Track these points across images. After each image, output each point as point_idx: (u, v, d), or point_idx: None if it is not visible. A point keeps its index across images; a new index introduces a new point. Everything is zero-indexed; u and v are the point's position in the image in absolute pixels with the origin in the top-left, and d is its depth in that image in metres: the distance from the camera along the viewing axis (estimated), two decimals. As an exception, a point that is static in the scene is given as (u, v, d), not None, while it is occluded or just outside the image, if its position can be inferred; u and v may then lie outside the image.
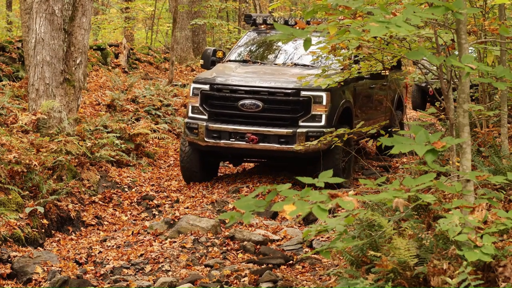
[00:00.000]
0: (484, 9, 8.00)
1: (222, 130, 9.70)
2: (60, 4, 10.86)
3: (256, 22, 11.47)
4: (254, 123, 9.65)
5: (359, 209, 4.02)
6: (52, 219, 8.86)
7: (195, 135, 9.84)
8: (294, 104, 9.57)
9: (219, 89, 9.82)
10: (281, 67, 10.48)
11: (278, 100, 9.60)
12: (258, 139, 9.53)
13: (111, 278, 6.95)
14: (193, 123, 9.87)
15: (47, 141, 9.92)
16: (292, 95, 9.57)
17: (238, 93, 9.71)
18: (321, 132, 9.38)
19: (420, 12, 3.74)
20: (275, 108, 9.61)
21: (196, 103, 9.95)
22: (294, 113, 9.57)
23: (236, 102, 9.69)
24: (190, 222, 8.23)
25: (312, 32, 4.04)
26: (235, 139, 9.64)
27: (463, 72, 4.28)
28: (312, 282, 6.36)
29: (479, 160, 6.84)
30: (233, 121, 9.73)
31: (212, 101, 9.84)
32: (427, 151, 3.52)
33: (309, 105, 9.55)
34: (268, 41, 11.46)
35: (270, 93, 9.61)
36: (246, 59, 10.89)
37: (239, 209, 3.39)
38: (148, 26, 26.20)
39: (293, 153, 9.50)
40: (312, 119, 9.56)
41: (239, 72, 10.24)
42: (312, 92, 9.53)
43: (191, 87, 10.06)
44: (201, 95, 9.89)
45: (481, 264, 4.06)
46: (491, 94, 8.84)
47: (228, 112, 9.77)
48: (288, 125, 9.57)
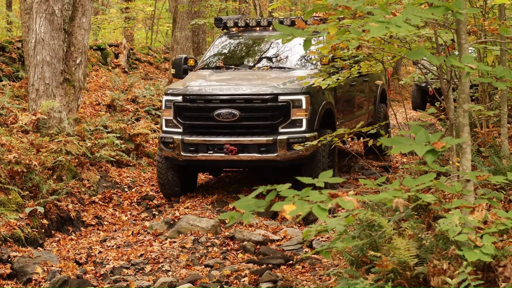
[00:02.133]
0: (484, 9, 8.00)
1: (199, 142, 9.21)
2: (60, 4, 10.86)
3: (227, 25, 11.02)
4: (232, 133, 9.17)
5: (359, 209, 4.02)
6: (52, 219, 8.86)
7: (171, 149, 9.35)
8: (272, 110, 9.11)
9: (193, 100, 9.33)
10: (256, 72, 10.00)
11: (256, 107, 9.13)
12: (238, 149, 9.06)
13: (111, 278, 6.95)
14: (168, 137, 9.38)
15: (47, 141, 9.92)
16: (269, 101, 9.09)
17: (212, 102, 9.23)
18: (303, 137, 8.98)
19: (420, 12, 3.74)
20: (253, 116, 9.14)
21: (169, 116, 9.47)
22: (273, 120, 9.10)
23: (211, 113, 9.20)
24: (190, 222, 8.23)
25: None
26: (213, 151, 9.16)
27: (463, 72, 4.28)
28: (312, 282, 6.36)
29: (479, 160, 6.84)
30: (210, 132, 9.26)
31: (186, 113, 9.37)
32: (427, 151, 3.52)
33: (288, 110, 9.09)
34: (241, 44, 11.02)
35: (246, 100, 9.13)
36: (219, 65, 10.40)
37: (239, 209, 3.39)
38: (148, 26, 26.21)
39: (274, 162, 9.10)
40: (293, 125, 9.09)
41: (213, 80, 9.75)
42: (291, 96, 9.10)
43: (163, 99, 9.59)
44: (174, 107, 9.41)
45: (481, 264, 4.06)
46: (491, 94, 8.84)
47: (203, 123, 9.29)
48: (268, 132, 9.10)
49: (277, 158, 9.01)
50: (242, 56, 10.81)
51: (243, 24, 10.82)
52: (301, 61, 10.27)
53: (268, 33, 10.78)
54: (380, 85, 12.17)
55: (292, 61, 10.28)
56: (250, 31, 10.90)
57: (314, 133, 9.10)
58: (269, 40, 10.72)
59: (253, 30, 10.88)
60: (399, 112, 17.55)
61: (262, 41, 10.81)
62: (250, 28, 10.88)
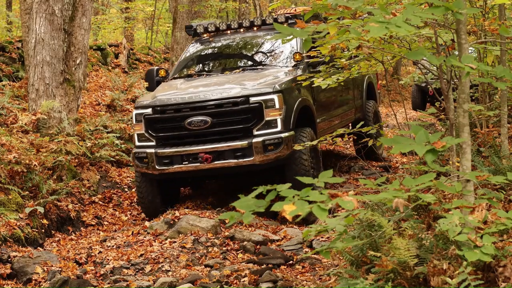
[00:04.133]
0: (484, 9, 8.00)
1: (173, 154, 8.85)
2: (60, 4, 10.86)
3: (197, 32, 10.67)
4: (205, 141, 8.84)
5: (359, 209, 4.02)
6: (52, 219, 8.86)
7: (145, 164, 8.99)
8: (244, 113, 8.76)
9: (162, 110, 8.99)
10: (228, 75, 9.65)
11: (227, 111, 8.78)
12: (212, 157, 8.72)
13: (111, 278, 6.95)
14: (141, 152, 9.02)
15: (47, 141, 9.92)
16: (240, 104, 8.75)
17: (183, 111, 8.89)
18: (279, 138, 8.68)
19: (420, 12, 3.74)
20: (225, 120, 8.81)
21: (141, 130, 9.12)
22: (246, 123, 8.76)
23: (182, 122, 8.87)
24: (190, 222, 8.23)
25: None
26: (188, 161, 8.81)
27: (463, 72, 4.28)
28: (312, 282, 6.36)
29: (479, 160, 6.84)
30: (183, 142, 8.93)
31: (157, 125, 9.04)
32: (427, 151, 3.52)
33: (261, 111, 8.75)
34: (212, 50, 10.68)
35: (217, 105, 8.80)
36: (190, 73, 10.14)
37: (239, 209, 3.39)
38: (148, 26, 26.21)
39: (252, 166, 8.78)
40: (267, 126, 8.76)
41: (182, 88, 9.40)
42: (262, 96, 8.77)
43: (133, 114, 9.27)
44: (144, 120, 9.07)
45: (481, 264, 4.06)
46: (491, 94, 8.84)
47: (176, 134, 8.95)
48: (242, 136, 8.76)
49: (254, 162, 8.71)
50: (213, 61, 10.56)
51: (213, 29, 10.55)
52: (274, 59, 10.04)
53: (240, 35, 10.53)
54: (365, 78, 11.83)
55: (264, 60, 10.07)
56: (221, 35, 10.64)
57: (290, 132, 8.83)
58: (240, 42, 10.53)
59: (224, 34, 10.62)
60: (399, 112, 17.55)
61: (234, 44, 10.59)
62: (221, 32, 10.62)
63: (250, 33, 10.45)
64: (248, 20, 10.36)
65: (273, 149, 8.66)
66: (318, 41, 5.82)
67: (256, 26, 10.36)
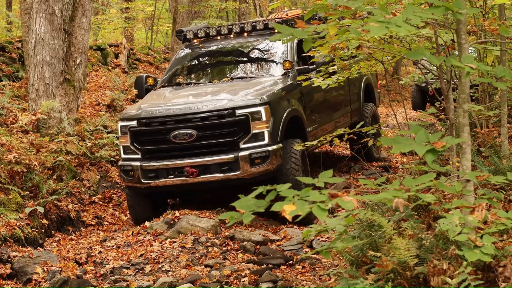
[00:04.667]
0: (484, 9, 8.00)
1: (158, 168, 8.69)
2: (60, 4, 10.86)
3: (187, 37, 10.42)
4: (191, 155, 8.63)
5: (359, 209, 4.02)
6: (52, 219, 8.86)
7: (131, 177, 8.83)
8: (230, 126, 8.54)
9: (147, 123, 8.79)
10: (215, 85, 9.44)
11: (213, 124, 8.57)
12: (198, 171, 8.53)
13: (111, 278, 6.96)
14: (127, 165, 8.85)
15: (47, 141, 9.93)
16: (226, 116, 8.53)
17: (168, 124, 8.69)
18: (266, 151, 8.47)
19: (420, 12, 3.74)
20: (211, 134, 8.60)
21: (126, 142, 8.93)
22: (232, 136, 8.55)
23: (167, 135, 8.67)
24: (190, 222, 8.23)
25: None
26: (174, 175, 8.64)
27: (463, 72, 4.28)
28: (312, 282, 6.36)
29: (479, 160, 6.84)
30: (169, 156, 8.73)
31: (142, 138, 8.85)
32: (427, 151, 3.52)
33: (247, 123, 8.52)
34: (202, 56, 10.48)
35: (202, 118, 8.59)
36: (179, 81, 9.92)
37: (239, 209, 3.40)
38: (148, 26, 26.21)
39: (239, 180, 8.54)
40: (254, 139, 8.53)
41: (168, 99, 9.19)
42: (249, 108, 8.54)
43: (119, 125, 9.08)
44: (130, 133, 8.88)
45: (481, 264, 4.06)
46: (491, 94, 8.84)
47: (161, 147, 8.77)
48: (228, 150, 8.54)
49: (241, 176, 8.49)
50: (202, 69, 10.37)
51: (203, 35, 10.31)
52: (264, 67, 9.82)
53: (230, 41, 10.30)
54: (363, 79, 11.58)
55: (254, 69, 9.86)
56: (211, 41, 10.41)
57: (278, 144, 8.62)
58: (230, 48, 10.32)
59: (214, 40, 10.40)
60: (399, 112, 17.55)
61: (223, 51, 10.38)
62: (211, 38, 10.40)
63: (240, 39, 10.23)
64: (238, 26, 10.12)
65: (260, 163, 8.45)
66: (318, 41, 5.82)
67: (247, 32, 10.14)
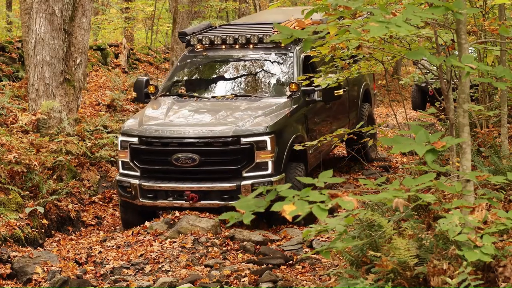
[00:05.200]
0: (484, 9, 8.01)
1: (158, 189, 8.49)
2: (60, 4, 10.86)
3: (190, 43, 9.99)
4: (192, 179, 8.41)
5: (359, 209, 4.02)
6: (52, 219, 8.87)
7: (128, 194, 8.62)
8: (234, 154, 8.31)
9: (149, 142, 8.54)
10: (220, 103, 9.13)
11: (216, 151, 8.35)
12: (199, 196, 8.35)
13: (111, 278, 6.96)
14: (125, 181, 8.62)
15: (47, 141, 9.93)
16: (231, 144, 8.31)
17: (170, 146, 8.45)
18: (269, 182, 8.23)
19: (420, 12, 3.75)
20: (214, 160, 8.37)
21: (126, 158, 8.67)
22: (235, 164, 8.32)
23: (169, 157, 8.41)
24: (190, 222, 8.23)
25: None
26: (173, 198, 8.44)
27: (463, 72, 4.28)
28: (312, 282, 6.36)
29: (479, 160, 6.84)
30: (169, 177, 8.50)
31: (143, 156, 8.59)
32: (427, 151, 3.52)
33: (251, 152, 8.29)
34: (205, 66, 10.09)
35: (206, 143, 8.35)
36: (181, 92, 9.55)
37: (239, 209, 3.40)
38: (148, 26, 26.21)
39: None
40: (257, 168, 8.32)
41: (171, 117, 8.89)
42: (254, 137, 8.30)
43: (119, 140, 8.83)
44: (130, 149, 8.62)
45: (481, 264, 4.07)
46: (491, 94, 8.84)
47: (162, 168, 8.53)
48: (231, 178, 8.32)
49: None
50: (205, 80, 10.04)
51: (207, 42, 9.86)
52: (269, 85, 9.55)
53: (235, 52, 9.88)
54: (363, 85, 11.42)
55: (259, 87, 9.60)
56: (216, 50, 9.95)
57: (281, 175, 8.41)
58: (235, 61, 9.90)
59: (219, 49, 9.92)
60: (399, 112, 17.55)
61: (228, 62, 9.95)
62: (216, 46, 9.92)
63: (246, 50, 9.82)
64: (245, 37, 9.68)
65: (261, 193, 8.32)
66: (318, 41, 5.82)
67: (253, 44, 9.73)
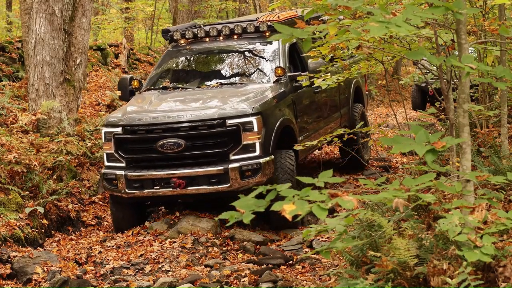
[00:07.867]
0: (484, 9, 8.00)
1: (144, 178, 8.31)
2: (60, 4, 10.86)
3: (173, 38, 9.88)
4: (178, 165, 8.25)
5: (359, 209, 4.02)
6: (52, 219, 8.86)
7: (114, 186, 8.45)
8: (220, 136, 8.17)
9: (133, 131, 8.39)
10: (204, 91, 9.06)
11: (202, 134, 8.21)
12: (186, 182, 8.15)
13: (111, 278, 6.96)
14: (110, 173, 8.45)
15: (47, 141, 9.93)
16: (216, 126, 8.16)
17: (154, 132, 8.31)
18: (257, 163, 8.11)
19: (420, 12, 3.74)
20: (200, 144, 8.21)
21: (110, 149, 8.52)
22: (222, 147, 8.17)
23: (154, 144, 8.27)
24: (190, 222, 8.23)
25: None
26: (160, 186, 8.25)
27: (463, 72, 4.28)
28: (312, 282, 6.36)
29: (479, 160, 6.84)
30: (155, 165, 8.36)
31: (127, 146, 8.45)
32: (427, 151, 3.52)
33: (238, 134, 8.14)
34: (190, 59, 10.02)
35: (191, 127, 8.21)
36: (166, 85, 9.40)
37: (239, 208, 3.39)
38: (148, 26, 26.20)
39: (228, 193, 8.09)
40: (245, 150, 8.16)
41: (155, 105, 8.79)
42: (240, 118, 8.17)
43: (102, 132, 8.68)
44: (114, 140, 8.47)
45: (481, 264, 4.07)
46: (491, 94, 8.84)
47: (147, 156, 8.39)
48: (218, 161, 8.17)
49: (230, 189, 8.09)
50: (190, 72, 9.92)
51: (191, 36, 9.76)
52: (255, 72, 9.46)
53: (219, 43, 9.83)
54: (353, 82, 11.19)
55: (245, 74, 9.49)
56: (200, 43, 9.88)
57: (270, 156, 8.27)
58: (219, 52, 9.88)
59: (202, 42, 9.86)
60: (399, 112, 17.55)
61: (212, 54, 9.90)
62: (199, 40, 9.85)
63: (230, 41, 9.77)
64: (228, 28, 9.64)
65: (250, 175, 8.12)
66: (318, 41, 5.82)
67: (237, 35, 9.65)
